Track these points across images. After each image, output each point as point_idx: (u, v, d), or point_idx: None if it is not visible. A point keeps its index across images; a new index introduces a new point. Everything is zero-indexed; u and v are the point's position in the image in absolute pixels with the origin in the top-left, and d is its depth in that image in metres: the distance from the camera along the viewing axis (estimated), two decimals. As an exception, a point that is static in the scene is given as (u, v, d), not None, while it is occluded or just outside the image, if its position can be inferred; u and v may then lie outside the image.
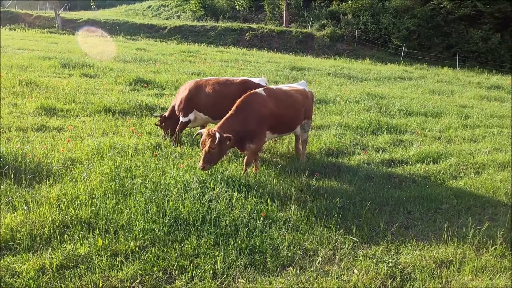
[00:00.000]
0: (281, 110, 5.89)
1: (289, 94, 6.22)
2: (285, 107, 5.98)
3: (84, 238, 3.95)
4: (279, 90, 6.19)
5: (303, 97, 6.47)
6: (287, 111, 6.01)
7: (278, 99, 5.96)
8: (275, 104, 5.84)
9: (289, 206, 4.94)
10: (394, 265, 3.90)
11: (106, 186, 4.96)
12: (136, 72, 13.93)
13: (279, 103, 5.91)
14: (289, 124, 6.22)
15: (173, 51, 24.05)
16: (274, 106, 5.81)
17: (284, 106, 5.98)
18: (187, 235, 4.08)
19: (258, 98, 5.73)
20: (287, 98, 6.13)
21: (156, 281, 3.50)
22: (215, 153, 5.18)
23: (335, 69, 21.66)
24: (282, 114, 5.90)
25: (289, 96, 6.19)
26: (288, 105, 6.06)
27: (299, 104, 6.29)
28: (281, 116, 5.90)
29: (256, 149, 5.77)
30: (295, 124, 6.36)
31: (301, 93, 6.50)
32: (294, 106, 6.19)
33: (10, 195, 4.62)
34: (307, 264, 3.85)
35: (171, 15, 46.12)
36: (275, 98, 5.92)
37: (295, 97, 6.27)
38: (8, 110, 8.51)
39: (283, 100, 6.03)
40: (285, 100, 6.05)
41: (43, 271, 3.48)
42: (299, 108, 6.30)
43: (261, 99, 5.75)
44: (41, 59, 15.74)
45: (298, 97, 6.33)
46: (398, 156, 7.38)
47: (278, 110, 5.84)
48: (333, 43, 35.09)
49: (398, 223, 4.85)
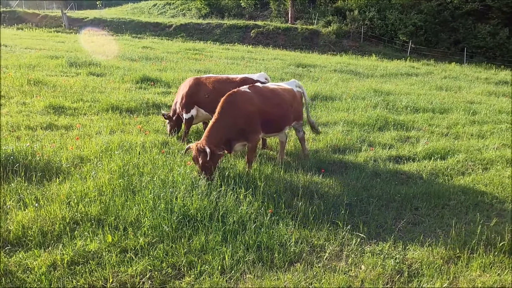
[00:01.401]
0: (268, 108, 5.75)
1: (276, 93, 6.05)
2: (272, 105, 5.83)
3: (94, 234, 4.01)
4: (266, 88, 6.03)
5: (290, 96, 6.26)
6: (274, 109, 5.86)
7: (265, 97, 5.82)
8: (261, 102, 5.72)
9: (296, 202, 4.95)
10: (401, 261, 3.91)
11: (115, 183, 5.02)
12: (142, 71, 14.01)
13: (265, 101, 5.78)
14: (277, 123, 6.02)
15: (179, 49, 24.11)
16: (260, 103, 5.69)
17: (271, 104, 5.83)
18: (195, 232, 4.12)
19: (243, 96, 5.61)
20: (274, 96, 5.96)
21: (165, 276, 3.55)
22: (211, 165, 5.19)
23: (341, 66, 21.57)
24: (269, 112, 5.76)
25: (276, 95, 6.01)
26: (275, 103, 5.90)
27: (286, 103, 6.08)
28: (268, 114, 5.76)
29: (254, 146, 5.73)
30: (283, 124, 6.15)
31: (288, 92, 6.28)
32: (281, 105, 6.00)
33: (21, 193, 4.69)
34: (315, 260, 3.87)
35: (176, 13, 46.19)
36: (261, 95, 5.80)
37: (282, 95, 6.09)
38: (17, 109, 8.61)
39: (270, 98, 5.88)
40: (272, 98, 5.90)
41: (54, 267, 3.54)
42: (287, 107, 6.09)
43: (246, 97, 5.63)
44: (49, 58, 15.88)
45: (285, 96, 6.13)
46: (405, 152, 7.36)
47: (265, 107, 5.72)
48: (339, 39, 34.94)
49: (405, 219, 4.85)
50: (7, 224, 4.07)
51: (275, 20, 40.38)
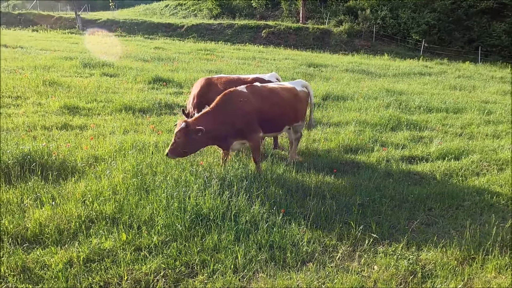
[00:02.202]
0: (265, 107, 5.68)
1: (275, 92, 5.93)
2: (269, 105, 5.74)
3: (108, 232, 4.07)
4: (264, 88, 5.90)
5: (292, 95, 6.11)
6: (272, 108, 5.77)
7: (262, 96, 5.73)
8: (258, 101, 5.65)
9: (308, 202, 4.96)
10: (415, 262, 3.88)
11: (129, 182, 5.09)
12: (155, 71, 14.15)
13: (263, 100, 5.70)
14: (275, 123, 5.94)
15: (191, 50, 24.27)
16: (257, 103, 5.63)
17: (269, 103, 5.75)
18: (207, 231, 4.15)
19: (239, 96, 5.58)
20: (272, 95, 5.85)
21: (179, 275, 3.59)
22: (181, 143, 5.20)
23: (352, 66, 21.44)
24: (266, 112, 5.69)
25: (275, 94, 5.90)
26: (273, 102, 5.80)
27: (285, 103, 5.95)
28: (266, 114, 5.69)
29: (257, 145, 5.67)
30: (282, 123, 6.06)
31: (289, 91, 6.13)
32: (280, 104, 5.88)
33: (38, 191, 4.79)
34: (327, 260, 3.87)
35: (188, 14, 46.48)
36: (259, 95, 5.72)
37: (281, 94, 5.96)
38: (33, 109, 8.79)
39: (268, 97, 5.79)
40: (269, 97, 5.80)
41: (70, 264, 3.61)
42: (286, 106, 5.96)
43: (242, 96, 5.59)
44: (63, 59, 16.15)
45: (285, 95, 6.00)
46: (418, 152, 7.29)
47: (262, 107, 5.65)
48: (350, 39, 34.74)
49: (419, 220, 4.81)
50: (25, 221, 4.16)
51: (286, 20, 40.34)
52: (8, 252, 3.68)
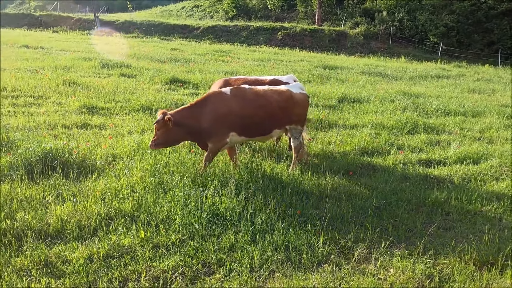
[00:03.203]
0: (247, 110, 5.51)
1: (260, 95, 5.69)
2: (253, 108, 5.55)
3: (127, 230, 4.16)
4: (249, 90, 5.71)
5: (282, 98, 5.80)
6: (256, 111, 5.55)
7: (245, 99, 5.57)
8: (240, 104, 5.50)
9: (324, 204, 4.96)
10: (432, 266, 3.85)
11: (147, 181, 5.18)
12: (171, 72, 14.33)
13: (245, 103, 5.53)
14: (260, 127, 5.70)
15: (206, 51, 24.46)
16: (238, 106, 5.49)
17: (252, 106, 5.55)
18: (224, 230, 4.20)
19: (219, 97, 5.54)
20: (257, 98, 5.64)
21: (196, 273, 3.64)
22: (160, 134, 5.34)
23: (369, 68, 21.30)
24: (249, 115, 5.51)
25: (260, 97, 5.67)
26: (257, 105, 5.59)
27: (273, 106, 5.68)
28: (248, 117, 5.52)
29: (213, 149, 5.55)
30: (269, 127, 5.79)
31: (279, 94, 5.83)
32: (266, 107, 5.63)
33: (59, 188, 4.92)
34: (343, 261, 3.87)
35: (204, 16, 46.85)
36: (241, 97, 5.56)
37: (268, 97, 5.70)
38: (53, 108, 9.00)
39: (252, 100, 5.60)
40: (254, 101, 5.60)
41: (91, 260, 3.70)
42: (274, 110, 5.69)
43: (222, 98, 5.53)
44: (82, 60, 16.48)
45: (273, 98, 5.72)
46: (436, 156, 7.21)
47: (243, 110, 5.49)
48: (367, 41, 34.50)
49: (436, 224, 4.76)
50: (47, 217, 4.28)
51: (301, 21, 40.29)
52: (31, 246, 3.79)
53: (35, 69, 13.66)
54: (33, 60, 15.80)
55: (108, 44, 26.00)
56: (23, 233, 4.00)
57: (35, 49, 20.25)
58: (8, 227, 4.01)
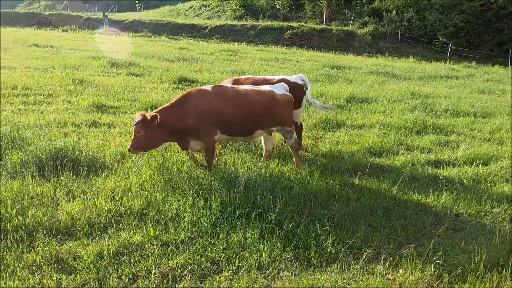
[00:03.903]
0: (227, 109, 5.45)
1: (242, 94, 5.62)
2: (234, 107, 5.48)
3: (137, 227, 4.19)
4: (231, 89, 5.66)
5: (265, 99, 5.69)
6: (236, 111, 5.49)
7: (226, 98, 5.52)
8: (220, 102, 5.45)
9: (333, 204, 4.96)
10: (441, 267, 3.83)
11: (156, 179, 5.22)
12: (179, 71, 14.38)
13: (226, 102, 5.48)
14: (241, 126, 5.62)
15: (214, 50, 24.52)
16: (219, 104, 5.43)
17: (233, 105, 5.49)
18: (233, 229, 4.21)
19: (201, 95, 5.49)
20: (238, 97, 5.57)
21: (205, 270, 3.66)
22: (140, 137, 5.21)
23: (377, 68, 21.20)
24: (229, 114, 5.46)
25: (241, 96, 5.60)
26: (238, 105, 5.51)
27: (253, 106, 5.59)
28: (228, 116, 5.46)
29: (208, 147, 5.53)
30: (252, 127, 5.69)
31: (260, 94, 5.72)
32: (247, 107, 5.55)
33: (70, 185, 4.97)
34: (352, 261, 3.86)
35: (211, 15, 46.96)
36: (222, 96, 5.51)
37: (250, 97, 5.62)
38: (63, 106, 9.08)
39: (233, 99, 5.54)
40: (235, 99, 5.54)
41: (101, 256, 3.73)
42: (255, 110, 5.59)
43: (204, 95, 5.48)
44: (91, 58, 16.61)
45: (254, 98, 5.62)
46: (445, 157, 7.16)
47: (224, 108, 5.44)
48: (375, 41, 34.34)
49: (446, 225, 4.74)
50: (58, 214, 4.33)
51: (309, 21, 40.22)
52: (43, 242, 3.84)
53: (45, 67, 13.80)
54: (43, 59, 15.96)
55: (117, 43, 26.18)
56: (34, 229, 4.05)
57: (45, 48, 20.46)
58: (20, 223, 4.06)
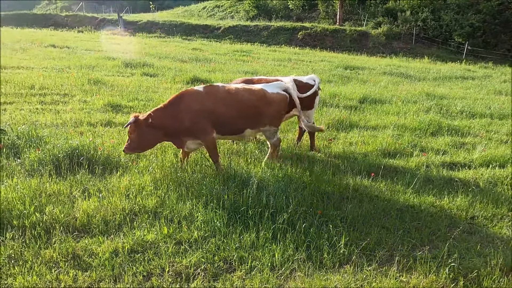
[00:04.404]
0: (218, 108, 5.48)
1: (233, 93, 5.64)
2: (223, 106, 5.52)
3: (151, 226, 4.24)
4: (222, 88, 5.67)
5: (254, 98, 5.70)
6: (226, 109, 5.52)
7: (217, 97, 5.55)
8: (212, 102, 5.49)
9: (346, 205, 4.94)
10: (456, 270, 3.78)
11: (169, 178, 5.27)
12: (192, 72, 14.47)
13: (217, 101, 5.52)
14: (231, 125, 5.65)
15: (227, 51, 24.60)
16: (211, 103, 5.47)
17: (223, 104, 5.53)
18: (245, 228, 4.23)
19: (193, 94, 5.51)
20: (228, 96, 5.60)
21: (217, 269, 3.68)
22: (134, 138, 5.31)
23: (391, 68, 21.00)
24: (220, 113, 5.49)
25: (232, 95, 5.62)
26: (228, 103, 5.55)
27: (243, 105, 5.62)
28: (219, 115, 5.49)
29: (209, 145, 5.56)
30: (242, 126, 5.72)
31: (251, 93, 5.72)
32: (237, 106, 5.58)
33: (85, 183, 5.06)
34: (365, 263, 3.84)
35: (225, 16, 47.12)
36: (214, 95, 5.54)
37: (241, 96, 5.64)
38: (79, 106, 9.23)
39: (223, 98, 5.57)
40: (225, 98, 5.57)
41: (116, 253, 3.79)
42: (244, 109, 5.62)
43: (196, 95, 5.50)
44: (106, 59, 16.84)
45: (244, 97, 5.65)
46: (460, 159, 7.06)
47: (215, 108, 5.47)
48: (389, 41, 34.00)
49: (461, 228, 4.67)
50: (74, 211, 4.41)
51: (323, 21, 40.04)
52: (59, 239, 3.91)
53: (62, 68, 14.05)
54: (60, 59, 16.24)
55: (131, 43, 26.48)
56: (51, 226, 4.13)
57: (61, 49, 20.81)
58: (37, 220, 4.15)
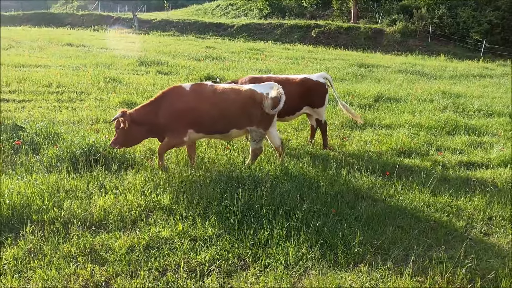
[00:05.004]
0: (202, 107, 5.41)
1: (218, 92, 5.52)
2: (208, 104, 5.42)
3: (166, 222, 4.29)
4: (209, 87, 5.58)
5: (240, 98, 5.52)
6: (210, 108, 5.42)
7: (202, 95, 5.46)
8: (196, 100, 5.42)
9: (360, 204, 4.90)
10: (473, 271, 3.73)
11: (184, 175, 5.31)
12: (206, 70, 14.55)
13: (201, 100, 5.43)
14: (216, 124, 5.53)
15: (241, 49, 24.64)
16: (194, 101, 5.41)
17: (207, 103, 5.43)
18: (259, 226, 4.24)
19: (177, 93, 5.47)
20: (212, 95, 5.48)
21: (231, 266, 3.71)
22: (119, 133, 5.40)
23: (406, 66, 20.74)
24: (204, 112, 5.41)
25: (217, 94, 5.50)
26: (212, 102, 5.44)
27: (228, 104, 5.47)
28: (203, 114, 5.42)
29: (169, 143, 5.53)
30: (226, 126, 5.58)
31: (237, 93, 5.55)
32: (220, 105, 5.45)
33: (102, 180, 5.14)
34: (379, 262, 3.82)
35: (238, 14, 47.14)
36: (199, 93, 5.47)
37: (225, 96, 5.50)
38: (95, 104, 9.38)
39: (208, 97, 5.47)
40: (210, 97, 5.47)
41: (132, 249, 3.84)
42: (229, 108, 5.48)
43: (180, 93, 5.45)
44: (121, 57, 17.04)
45: (229, 97, 5.50)
46: (477, 158, 6.94)
47: (199, 106, 5.40)
48: (404, 39, 33.55)
49: (478, 228, 4.60)
50: (91, 207, 4.49)
51: (336, 19, 39.74)
52: (77, 234, 3.99)
53: (78, 66, 14.27)
54: (76, 58, 16.51)
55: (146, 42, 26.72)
56: (69, 221, 4.21)
57: (78, 47, 21.15)
58: (56, 215, 4.24)
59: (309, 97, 6.94)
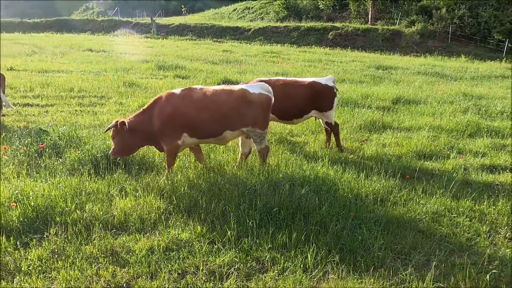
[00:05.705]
0: (193, 111, 5.37)
1: (207, 94, 5.46)
2: (198, 108, 5.38)
3: (185, 225, 4.33)
4: (199, 90, 5.51)
5: (231, 99, 5.48)
6: (201, 112, 5.38)
7: (192, 99, 5.41)
8: (186, 104, 5.38)
9: (379, 208, 4.85)
10: (497, 277, 3.63)
11: (202, 179, 5.36)
12: (223, 73, 14.66)
13: (191, 104, 5.39)
14: (209, 128, 5.47)
15: (257, 52, 24.72)
16: (185, 106, 5.37)
17: (198, 107, 5.38)
18: (278, 229, 4.24)
19: (168, 99, 5.41)
20: (203, 98, 5.43)
21: (250, 269, 3.71)
22: (116, 142, 5.43)
23: (425, 68, 20.43)
24: (195, 115, 5.36)
25: (207, 97, 5.44)
26: (203, 105, 5.39)
27: (219, 106, 5.42)
28: (195, 118, 5.37)
29: (169, 151, 5.49)
30: (219, 128, 5.50)
31: (228, 94, 5.51)
32: (211, 107, 5.40)
33: (122, 183, 5.23)
34: (400, 267, 3.76)
35: (255, 17, 47.34)
36: (189, 97, 5.42)
37: (215, 98, 5.44)
38: (115, 108, 9.56)
39: (198, 100, 5.41)
40: (200, 101, 5.41)
41: (152, 251, 3.90)
42: (220, 110, 5.42)
43: (171, 99, 5.41)
44: (140, 62, 17.33)
45: (220, 98, 5.45)
46: (501, 162, 6.77)
47: (190, 110, 5.36)
48: (423, 40, 33.05)
49: (502, 233, 4.49)
50: (112, 209, 4.57)
51: (354, 21, 39.45)
52: (99, 236, 4.07)
53: (99, 71, 14.58)
54: (97, 63, 16.88)
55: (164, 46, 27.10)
56: (91, 223, 4.30)
57: (98, 52, 21.61)
58: (78, 217, 4.33)
59: (317, 101, 6.92)
